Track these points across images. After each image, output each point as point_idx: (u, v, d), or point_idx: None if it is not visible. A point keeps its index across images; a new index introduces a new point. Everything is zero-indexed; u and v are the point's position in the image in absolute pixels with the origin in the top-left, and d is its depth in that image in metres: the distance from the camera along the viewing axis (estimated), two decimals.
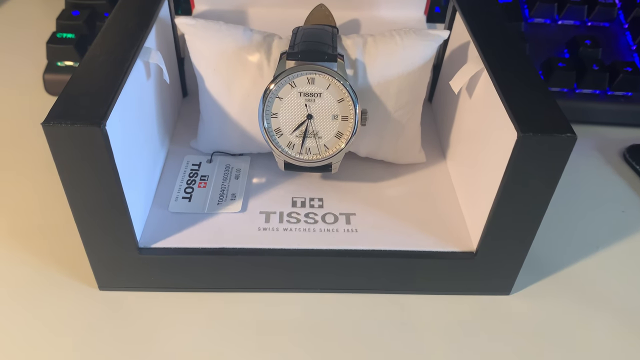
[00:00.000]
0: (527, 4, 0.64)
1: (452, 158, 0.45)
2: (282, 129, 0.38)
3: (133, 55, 0.36)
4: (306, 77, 0.37)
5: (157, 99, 0.42)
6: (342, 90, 0.37)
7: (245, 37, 0.40)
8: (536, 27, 0.62)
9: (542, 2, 0.62)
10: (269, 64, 0.40)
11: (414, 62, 0.40)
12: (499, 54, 0.39)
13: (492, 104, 0.37)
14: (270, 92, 0.37)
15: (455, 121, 0.44)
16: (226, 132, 0.42)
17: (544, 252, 0.44)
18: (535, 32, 0.62)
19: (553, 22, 0.63)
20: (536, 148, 0.32)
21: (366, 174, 0.44)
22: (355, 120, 0.38)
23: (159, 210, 0.40)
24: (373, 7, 0.54)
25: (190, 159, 0.45)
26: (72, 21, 0.58)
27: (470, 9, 0.44)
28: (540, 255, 0.44)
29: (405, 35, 0.40)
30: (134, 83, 0.37)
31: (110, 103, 0.32)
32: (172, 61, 0.48)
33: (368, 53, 0.40)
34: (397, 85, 0.40)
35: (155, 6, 0.42)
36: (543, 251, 0.44)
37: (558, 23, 0.63)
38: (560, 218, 0.47)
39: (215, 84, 0.41)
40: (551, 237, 0.45)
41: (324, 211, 0.41)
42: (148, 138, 0.41)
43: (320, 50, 0.37)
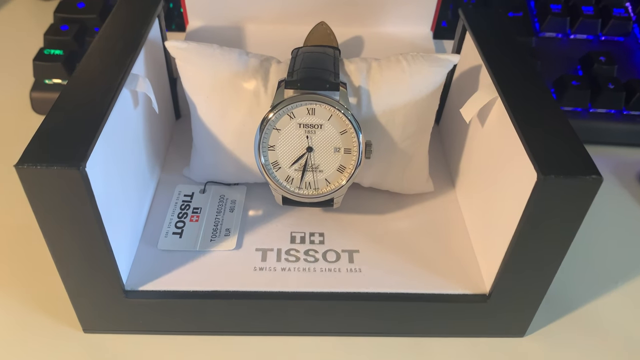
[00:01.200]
0: (538, 17, 0.61)
1: (462, 188, 0.42)
2: (280, 162, 0.36)
3: (119, 84, 0.34)
4: (306, 107, 0.34)
5: (146, 128, 0.40)
6: (345, 122, 0.34)
7: (241, 62, 0.37)
8: (547, 42, 0.60)
9: (554, 16, 0.59)
10: (266, 91, 0.37)
11: (421, 90, 0.37)
12: (514, 81, 0.36)
13: (507, 137, 0.34)
14: (268, 122, 0.34)
15: (466, 149, 0.42)
16: (220, 162, 0.40)
17: (558, 288, 0.41)
18: (546, 47, 0.59)
19: (565, 37, 0.60)
20: (558, 191, 0.30)
21: (370, 205, 0.41)
22: (359, 153, 0.35)
23: (147, 248, 0.38)
24: (377, 24, 0.51)
25: (182, 189, 0.42)
26: (61, 36, 0.55)
27: (480, 28, 0.41)
28: (555, 292, 0.41)
29: (412, 61, 0.37)
30: (119, 114, 0.34)
31: (92, 141, 0.29)
32: (163, 82, 0.45)
33: (372, 80, 0.37)
34: (403, 115, 0.37)
35: (145, 26, 0.39)
36: (557, 288, 0.41)
37: (570, 37, 0.60)
38: (574, 251, 0.44)
39: (209, 111, 0.38)
40: (566, 272, 0.42)
41: (325, 248, 0.38)
42: (136, 171, 0.38)
43: (321, 78, 0.34)
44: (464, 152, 0.42)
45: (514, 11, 0.60)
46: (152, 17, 0.41)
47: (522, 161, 0.31)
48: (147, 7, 0.42)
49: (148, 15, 0.41)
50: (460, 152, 0.42)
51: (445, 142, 0.46)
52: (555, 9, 0.60)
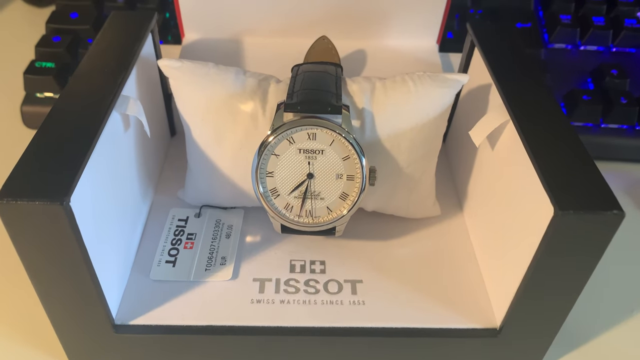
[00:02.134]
0: (547, 27, 0.59)
1: (470, 212, 0.40)
2: (279, 190, 0.34)
3: (108, 107, 0.32)
4: (306, 132, 0.32)
5: (138, 151, 0.38)
6: (348, 147, 0.32)
7: (238, 82, 0.35)
8: (556, 53, 0.58)
9: (564, 27, 0.57)
10: (264, 113, 0.35)
11: (429, 113, 0.35)
12: (526, 103, 0.34)
13: (520, 164, 0.32)
14: (266, 148, 0.33)
15: (474, 171, 0.40)
16: (216, 186, 0.38)
17: (571, 319, 0.39)
18: (555, 59, 0.57)
19: (575, 48, 0.58)
20: (576, 227, 0.28)
21: (374, 231, 0.39)
22: (363, 180, 0.33)
23: (139, 278, 0.36)
24: (381, 36, 0.49)
25: (177, 212, 0.40)
26: (53, 48, 0.53)
27: (489, 44, 0.39)
28: (568, 323, 0.39)
29: (418, 81, 0.35)
30: (108, 139, 0.32)
31: (77, 172, 0.27)
32: (157, 98, 0.43)
33: (377, 101, 0.35)
34: (409, 139, 0.35)
35: (137, 43, 0.37)
36: (570, 318, 0.39)
37: (580, 49, 0.58)
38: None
39: (203, 134, 0.36)
40: (579, 301, 0.40)
41: (326, 277, 0.36)
42: (127, 197, 0.36)
43: (322, 101, 0.32)
44: (473, 174, 0.40)
45: (522, 22, 0.58)
46: (145, 32, 0.39)
47: (538, 193, 0.29)
48: (140, 22, 0.40)
49: (141, 30, 0.39)
50: (469, 174, 0.40)
51: (452, 162, 0.44)
52: (565, 20, 0.58)
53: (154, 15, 0.40)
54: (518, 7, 0.59)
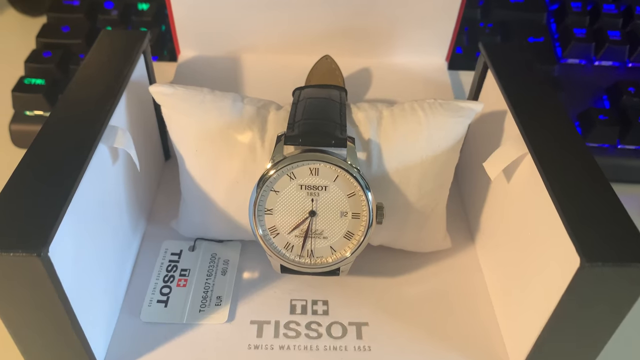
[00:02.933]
0: (560, 41, 0.56)
1: (483, 246, 0.38)
2: (279, 228, 0.31)
3: (94, 140, 0.29)
4: (308, 167, 0.30)
5: (128, 183, 0.35)
6: (353, 183, 0.30)
7: (235, 110, 0.33)
8: (570, 69, 0.55)
9: (578, 42, 0.54)
10: (263, 144, 0.32)
11: (440, 144, 0.32)
12: (545, 135, 0.31)
13: (540, 204, 0.29)
14: (265, 183, 0.30)
15: (487, 202, 0.37)
16: (211, 219, 0.35)
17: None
18: (569, 75, 0.54)
19: (589, 63, 0.55)
20: (604, 279, 0.25)
21: (380, 266, 0.37)
22: (369, 218, 0.30)
23: (129, 319, 0.33)
24: (387, 54, 0.47)
25: (170, 246, 0.37)
26: (43, 64, 0.51)
27: (504, 66, 0.37)
28: None
29: (429, 110, 0.33)
30: (94, 174, 0.30)
31: (56, 218, 0.25)
32: (150, 122, 0.41)
33: (384, 132, 0.32)
34: (420, 172, 0.33)
35: (128, 66, 0.35)
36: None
37: (595, 64, 0.55)
38: None
39: (198, 166, 0.33)
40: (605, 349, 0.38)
41: (329, 320, 0.34)
42: (115, 234, 0.33)
43: (326, 133, 0.30)
44: (485, 205, 0.37)
45: (535, 36, 0.55)
46: (136, 54, 0.36)
47: (561, 239, 0.27)
48: (131, 42, 0.37)
49: (132, 52, 0.36)
50: (481, 204, 0.38)
51: (463, 190, 0.42)
52: (579, 34, 0.55)
53: (146, 35, 0.38)
54: (530, 20, 0.57)
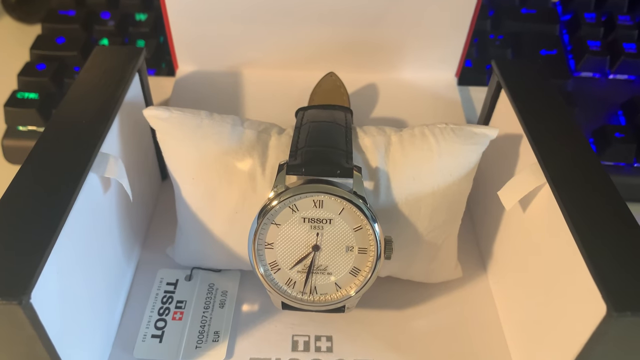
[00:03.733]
0: (573, 53, 0.54)
1: (496, 276, 0.36)
2: (280, 263, 0.29)
3: (83, 170, 0.27)
4: (312, 199, 0.28)
5: (120, 211, 0.33)
6: (360, 216, 0.28)
7: (234, 135, 0.31)
8: (583, 82, 0.53)
9: (592, 55, 0.52)
10: (263, 172, 0.30)
11: (452, 173, 0.30)
12: (563, 163, 0.29)
13: (560, 240, 0.27)
14: (266, 216, 0.28)
15: (501, 231, 0.35)
16: (208, 249, 0.33)
17: None
18: (582, 88, 0.52)
19: (603, 77, 0.53)
20: (633, 329, 0.23)
21: (387, 299, 0.35)
22: (377, 253, 0.28)
23: (121, 355, 0.31)
24: (394, 69, 0.45)
25: (165, 275, 0.36)
26: (36, 77, 0.49)
27: (518, 87, 0.35)
28: None
29: (441, 136, 0.31)
30: (83, 206, 0.28)
31: (40, 260, 0.23)
32: (146, 141, 0.39)
33: (393, 160, 0.30)
34: (431, 203, 0.31)
35: (121, 86, 0.33)
36: None
37: (609, 77, 0.53)
38: None
39: (195, 194, 0.31)
40: None
41: (334, 357, 0.32)
42: (107, 266, 0.31)
43: (331, 162, 0.28)
44: (499, 234, 0.35)
45: (547, 49, 0.53)
46: (130, 73, 0.34)
47: (584, 282, 0.25)
48: (125, 59, 0.35)
49: (126, 71, 0.34)
50: (494, 232, 0.36)
51: (474, 216, 0.40)
52: (594, 46, 0.53)
53: (141, 52, 0.36)
54: (542, 31, 0.55)
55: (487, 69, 0.51)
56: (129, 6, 0.54)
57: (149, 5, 0.54)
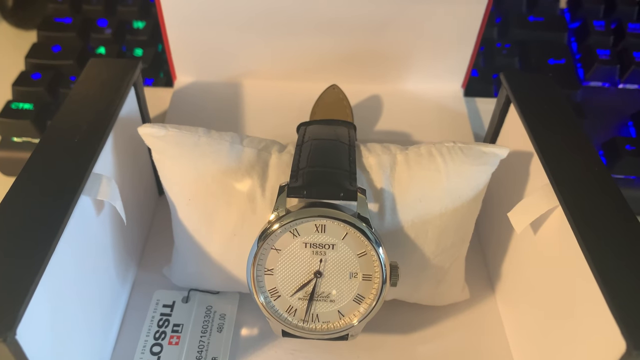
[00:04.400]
0: (582, 62, 0.53)
1: (505, 300, 0.34)
2: (280, 290, 0.28)
3: (74, 193, 0.26)
4: (314, 223, 0.27)
5: (114, 233, 0.32)
6: (364, 242, 0.27)
7: (233, 154, 0.30)
8: (592, 92, 0.52)
9: (601, 64, 0.51)
10: (263, 193, 0.29)
11: (461, 195, 0.29)
12: (577, 184, 0.28)
13: (575, 267, 0.26)
14: (266, 240, 0.27)
15: (510, 252, 0.34)
16: (206, 272, 0.32)
17: None
18: (591, 98, 0.51)
19: (613, 86, 0.52)
20: None
21: (392, 322, 0.34)
22: (382, 280, 0.27)
23: None
24: (399, 80, 0.44)
25: (161, 296, 0.34)
26: (31, 87, 0.47)
27: (528, 102, 0.33)
28: None
29: (449, 156, 0.29)
30: (74, 230, 0.26)
31: (27, 292, 0.22)
32: (141, 154, 0.37)
33: (399, 180, 0.29)
34: (438, 226, 0.29)
35: (116, 100, 0.32)
36: None
37: (619, 87, 0.52)
38: None
39: (192, 216, 0.30)
40: None
41: None
42: (101, 290, 0.30)
43: (333, 184, 0.27)
44: (508, 256, 0.34)
45: (555, 58, 0.52)
46: (125, 87, 0.33)
47: (601, 314, 0.23)
48: (120, 73, 0.34)
49: (121, 85, 0.33)
50: (503, 254, 0.35)
51: (482, 235, 0.38)
52: (603, 55, 0.52)
53: (137, 65, 0.35)
54: (550, 40, 0.53)
55: (494, 78, 0.50)
56: (126, 13, 0.53)
57: (147, 13, 0.53)
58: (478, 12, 0.39)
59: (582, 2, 0.56)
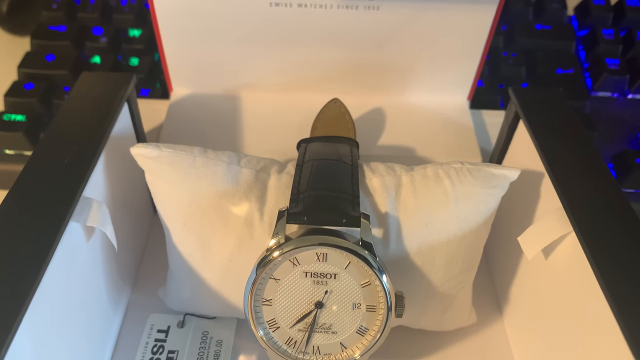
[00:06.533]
0: (590, 71, 0.51)
1: (512, 321, 0.33)
2: (279, 321, 0.27)
3: (63, 219, 0.25)
4: (315, 252, 0.25)
5: (106, 257, 0.31)
6: (368, 271, 0.25)
7: (230, 176, 0.28)
8: (601, 103, 0.50)
9: (610, 74, 0.49)
10: (261, 218, 0.28)
11: (470, 221, 0.28)
12: (592, 209, 0.27)
13: (588, 295, 0.25)
14: (264, 270, 0.25)
15: (519, 275, 0.32)
16: (201, 297, 0.31)
17: None
18: (600, 109, 0.50)
19: (622, 96, 0.51)
20: None
21: (396, 348, 0.32)
22: (387, 311, 0.26)
23: None
24: (403, 92, 0.42)
25: (156, 321, 0.33)
26: (24, 98, 0.46)
27: (539, 121, 0.32)
28: None
29: (457, 179, 0.28)
30: (63, 258, 0.25)
31: (10, 330, 0.21)
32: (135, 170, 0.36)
33: (404, 204, 0.28)
34: (446, 253, 0.28)
35: (108, 117, 0.30)
36: None
37: (628, 97, 0.51)
38: None
39: (186, 241, 0.29)
40: None
41: None
42: (91, 318, 0.29)
43: (335, 209, 0.25)
44: (517, 278, 0.33)
45: (563, 67, 0.50)
46: (119, 104, 0.32)
47: (616, 347, 0.22)
48: (113, 88, 0.33)
49: (114, 101, 0.32)
50: (511, 276, 0.33)
51: (490, 258, 0.37)
52: (612, 65, 0.50)
53: (131, 80, 0.33)
54: (557, 49, 0.52)
55: (500, 88, 0.49)
56: (122, 21, 0.51)
57: (143, 21, 0.52)
58: (485, 24, 0.38)
59: (590, 9, 0.55)
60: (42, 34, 0.51)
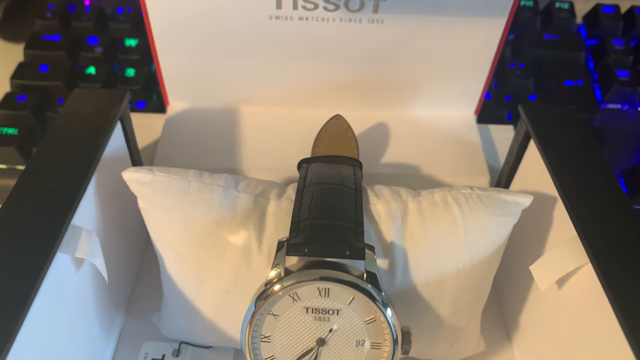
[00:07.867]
0: (600, 82, 0.50)
1: (522, 353, 0.32)
2: (278, 358, 0.25)
3: (50, 251, 0.23)
4: (316, 286, 0.24)
5: (97, 287, 0.29)
6: (373, 307, 0.24)
7: (227, 202, 0.27)
8: (610, 115, 0.49)
9: (621, 86, 0.48)
10: (259, 247, 0.26)
11: (480, 251, 0.26)
12: (609, 238, 0.25)
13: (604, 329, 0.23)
14: (262, 306, 0.24)
15: (529, 303, 0.31)
16: (197, 327, 0.29)
17: None
18: (609, 121, 0.48)
19: (633, 108, 0.49)
20: None
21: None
22: (393, 349, 0.24)
23: None
24: (407, 107, 0.41)
25: (150, 349, 0.32)
26: (16, 110, 0.45)
27: (551, 141, 0.30)
28: None
29: (466, 206, 0.26)
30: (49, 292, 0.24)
31: None
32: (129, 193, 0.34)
33: (411, 233, 0.26)
34: (455, 285, 0.26)
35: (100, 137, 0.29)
36: None
37: (639, 109, 0.49)
38: None
39: (181, 270, 0.27)
40: None
41: None
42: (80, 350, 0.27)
43: (338, 239, 0.24)
44: (527, 307, 0.31)
45: (572, 79, 0.49)
46: (111, 123, 0.30)
47: None
48: (106, 106, 0.31)
49: (106, 120, 0.30)
50: (521, 304, 0.32)
51: (498, 284, 0.35)
52: (622, 76, 0.49)
53: (124, 97, 0.32)
54: (566, 59, 0.50)
55: (507, 100, 0.47)
56: (118, 31, 0.50)
57: (139, 30, 0.50)
58: (494, 38, 0.36)
59: (600, 18, 0.53)
60: (36, 43, 0.49)
